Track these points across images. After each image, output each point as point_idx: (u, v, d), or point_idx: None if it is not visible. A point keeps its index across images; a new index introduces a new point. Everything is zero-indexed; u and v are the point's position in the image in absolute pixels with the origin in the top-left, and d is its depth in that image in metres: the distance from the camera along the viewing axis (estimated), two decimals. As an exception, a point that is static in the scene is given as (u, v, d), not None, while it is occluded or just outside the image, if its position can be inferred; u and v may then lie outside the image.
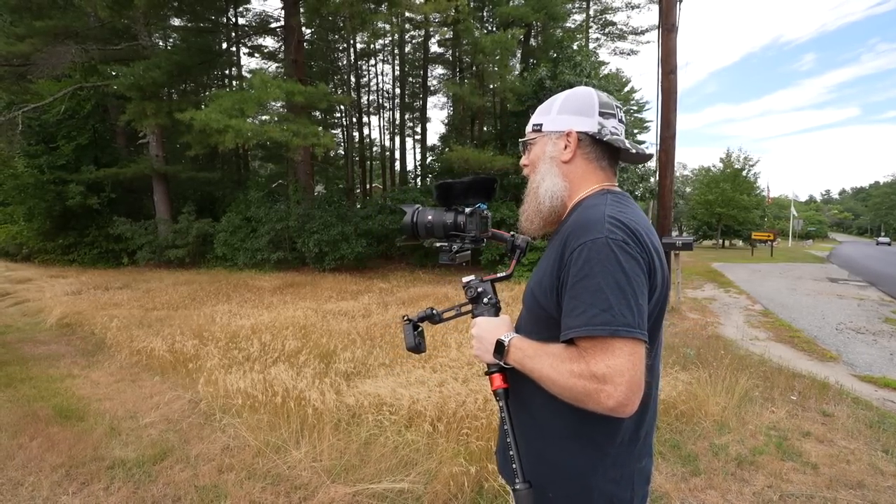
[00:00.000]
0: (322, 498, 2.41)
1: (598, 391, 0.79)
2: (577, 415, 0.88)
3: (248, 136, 10.56)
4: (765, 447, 3.01)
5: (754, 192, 31.99)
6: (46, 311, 7.56)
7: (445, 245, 1.20)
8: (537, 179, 1.05)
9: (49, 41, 12.93)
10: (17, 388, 4.18)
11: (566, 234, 0.91)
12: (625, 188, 14.00)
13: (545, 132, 1.04)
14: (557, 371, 0.85)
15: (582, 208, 0.97)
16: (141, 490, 2.54)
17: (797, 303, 8.99)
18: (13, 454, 2.91)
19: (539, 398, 0.94)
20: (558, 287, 0.90)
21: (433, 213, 1.21)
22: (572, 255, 0.86)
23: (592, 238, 0.85)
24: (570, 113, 1.02)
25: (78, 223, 16.12)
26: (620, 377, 0.78)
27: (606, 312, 0.80)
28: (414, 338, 1.22)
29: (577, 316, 0.83)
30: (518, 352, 0.93)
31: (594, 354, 0.81)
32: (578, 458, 0.94)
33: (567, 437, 0.94)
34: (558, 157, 1.02)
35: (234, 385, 3.59)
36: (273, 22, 19.62)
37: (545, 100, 1.10)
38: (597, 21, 22.38)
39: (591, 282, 0.82)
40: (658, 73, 8.22)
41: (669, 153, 8.13)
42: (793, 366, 4.75)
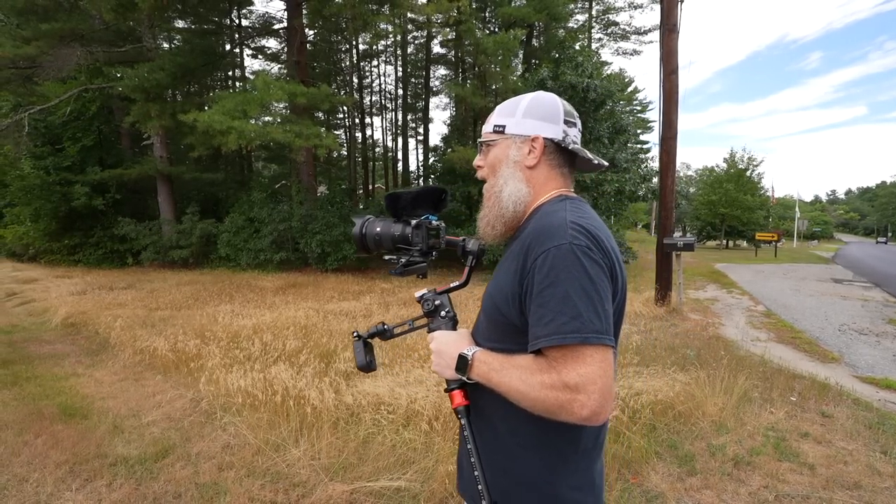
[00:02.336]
0: (320, 495, 2.44)
1: (572, 401, 0.76)
2: (540, 425, 0.87)
3: (251, 138, 10.62)
4: (762, 448, 3.01)
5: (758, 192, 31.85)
6: (52, 310, 7.64)
7: (393, 258, 1.15)
8: (499, 183, 0.99)
9: (55, 44, 13.04)
10: (22, 386, 4.23)
11: (528, 241, 0.88)
12: (627, 188, 14.01)
13: (509, 134, 1.00)
14: (527, 384, 0.81)
15: (542, 214, 0.95)
16: (143, 487, 2.58)
17: (800, 304, 8.96)
18: (19, 451, 2.95)
19: (501, 411, 0.91)
20: (521, 294, 0.87)
21: (381, 224, 1.15)
22: (536, 262, 0.83)
23: (556, 244, 0.82)
24: (537, 118, 0.98)
25: (83, 224, 16.25)
26: (593, 385, 0.76)
27: (575, 320, 0.78)
28: (364, 355, 1.15)
29: (545, 325, 0.80)
30: (483, 366, 0.89)
31: (565, 364, 0.78)
32: (542, 469, 0.91)
33: (530, 447, 0.91)
34: (522, 161, 0.98)
35: (234, 384, 3.63)
36: (276, 23, 19.73)
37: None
38: (599, 21, 22.38)
39: (557, 289, 0.80)
40: (660, 73, 8.22)
41: (671, 154, 8.12)
42: (793, 367, 4.75)
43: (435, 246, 1.14)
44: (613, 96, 14.27)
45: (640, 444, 2.88)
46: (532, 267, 0.84)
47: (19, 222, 17.28)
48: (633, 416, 3.13)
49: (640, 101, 34.99)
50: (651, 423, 3.19)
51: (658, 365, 4.24)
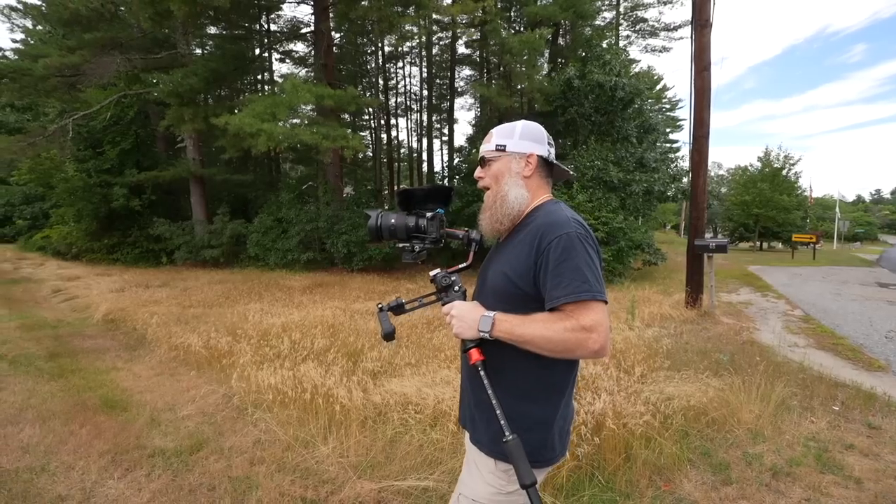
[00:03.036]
0: (349, 493, 2.47)
1: (587, 339, 1.06)
2: (544, 370, 1.19)
3: (279, 140, 10.85)
4: (803, 458, 2.89)
5: (795, 192, 30.54)
6: (93, 307, 8.00)
7: (408, 245, 1.35)
8: (504, 189, 1.27)
9: (97, 52, 13.67)
10: (68, 378, 4.45)
11: (539, 231, 1.17)
12: (657, 189, 13.65)
13: (509, 152, 1.28)
14: (552, 330, 1.08)
15: (545, 212, 1.24)
16: (179, 478, 2.67)
17: (842, 308, 8.55)
18: (66, 440, 3.10)
19: (509, 364, 1.20)
20: (535, 270, 1.15)
21: (396, 216, 1.35)
22: (550, 245, 1.12)
23: (566, 232, 1.13)
24: (530, 140, 1.28)
25: (121, 224, 16.97)
26: (601, 326, 1.06)
27: (585, 283, 1.08)
28: (391, 324, 1.33)
29: (563, 287, 1.09)
30: (505, 323, 1.14)
31: (580, 313, 1.07)
32: (546, 405, 1.22)
33: (536, 390, 1.21)
34: (521, 172, 1.28)
35: (265, 381, 3.71)
36: (303, 27, 20.11)
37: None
38: (627, 18, 21.91)
39: (570, 263, 1.10)
40: (691, 70, 7.99)
41: (703, 153, 7.88)
42: (835, 374, 4.53)
43: (443, 235, 1.38)
44: (642, 95, 13.96)
45: (672, 450, 2.80)
46: (546, 248, 1.13)
47: (63, 223, 18.19)
48: (665, 421, 3.05)
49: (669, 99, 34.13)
50: (683, 430, 3.11)
51: (690, 369, 4.12)
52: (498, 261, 1.28)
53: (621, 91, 12.76)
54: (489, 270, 1.31)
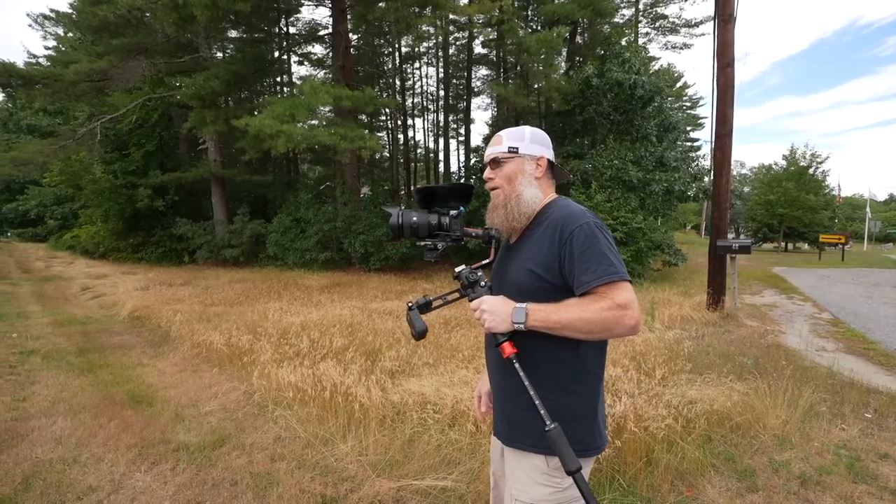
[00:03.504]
0: (368, 491, 2.49)
1: (623, 315, 1.11)
2: (579, 357, 1.24)
3: (298, 141, 10.99)
4: (833, 467, 2.79)
5: (823, 191, 29.58)
6: (119, 304, 8.24)
7: (429, 243, 1.36)
8: (518, 189, 1.32)
9: (123, 57, 14.08)
10: (96, 373, 4.59)
11: (558, 224, 1.23)
12: (677, 188, 13.39)
13: (522, 154, 1.34)
14: (589, 311, 1.12)
15: (558, 207, 1.30)
16: (202, 473, 2.73)
17: (873, 312, 8.25)
18: (96, 433, 3.20)
19: (543, 355, 1.23)
20: (560, 261, 1.21)
21: (417, 214, 1.35)
22: (572, 235, 1.19)
23: (585, 222, 1.20)
24: (539, 144, 1.36)
25: (146, 224, 17.46)
26: (633, 303, 1.13)
27: (612, 266, 1.15)
28: (423, 323, 1.33)
29: (592, 272, 1.15)
30: (539, 312, 1.16)
31: (613, 293, 1.13)
32: (586, 392, 1.26)
33: (574, 378, 1.25)
34: (533, 173, 1.35)
35: (285, 379, 3.77)
36: (321, 30, 20.32)
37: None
38: (647, 15, 21.55)
39: (594, 250, 1.16)
40: (713, 67, 7.81)
41: (725, 151, 7.70)
42: (867, 380, 4.37)
43: (466, 233, 1.40)
44: (662, 92, 13.71)
45: (695, 455, 2.74)
46: (569, 238, 1.19)
47: (91, 223, 18.82)
48: (687, 425, 2.98)
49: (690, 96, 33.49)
50: (706, 434, 3.04)
51: (712, 373, 4.03)
52: (517, 258, 1.31)
53: (641, 89, 12.56)
54: (508, 268, 1.34)
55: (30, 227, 32.65)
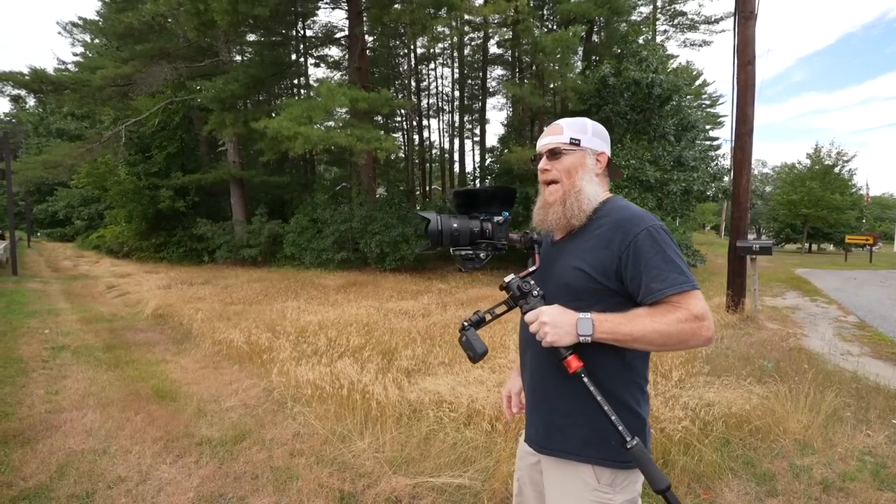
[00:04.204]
0: (384, 487, 2.53)
1: (700, 327, 1.05)
2: (628, 367, 1.18)
3: (315, 142, 11.18)
4: (857, 473, 2.74)
5: (849, 190, 28.73)
6: (143, 302, 8.48)
7: (471, 252, 1.24)
8: (579, 184, 1.23)
9: (147, 62, 14.50)
10: (123, 369, 4.75)
11: (619, 225, 1.16)
12: (695, 188, 13.19)
13: (583, 147, 1.25)
14: (664, 323, 1.05)
15: (618, 207, 1.22)
16: (225, 466, 2.81)
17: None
18: (123, 426, 3.33)
19: (594, 366, 1.13)
20: (619, 264, 1.13)
21: (458, 220, 1.22)
22: (636, 239, 1.12)
23: (651, 225, 1.13)
24: (601, 139, 1.28)
25: (167, 224, 17.91)
26: (709, 314, 1.07)
27: (682, 274, 1.09)
28: (483, 344, 1.23)
29: (663, 280, 1.08)
30: (607, 323, 1.08)
31: (688, 302, 1.07)
32: (635, 402, 1.19)
33: (624, 388, 1.18)
34: (593, 169, 1.26)
35: (303, 376, 3.84)
36: (338, 32, 20.58)
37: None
38: (665, 12, 21.27)
39: (663, 256, 1.10)
40: (734, 64, 7.68)
41: (746, 150, 7.56)
42: (895, 385, 4.26)
43: (510, 241, 1.29)
44: (680, 91, 13.53)
45: (712, 458, 2.72)
46: (633, 242, 1.12)
47: (116, 223, 19.38)
48: (705, 427, 2.96)
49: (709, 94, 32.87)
50: (724, 437, 3.00)
51: (731, 376, 3.97)
52: (565, 256, 1.23)
53: (658, 88, 12.41)
54: (553, 266, 1.25)
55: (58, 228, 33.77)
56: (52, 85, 14.59)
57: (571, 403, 1.15)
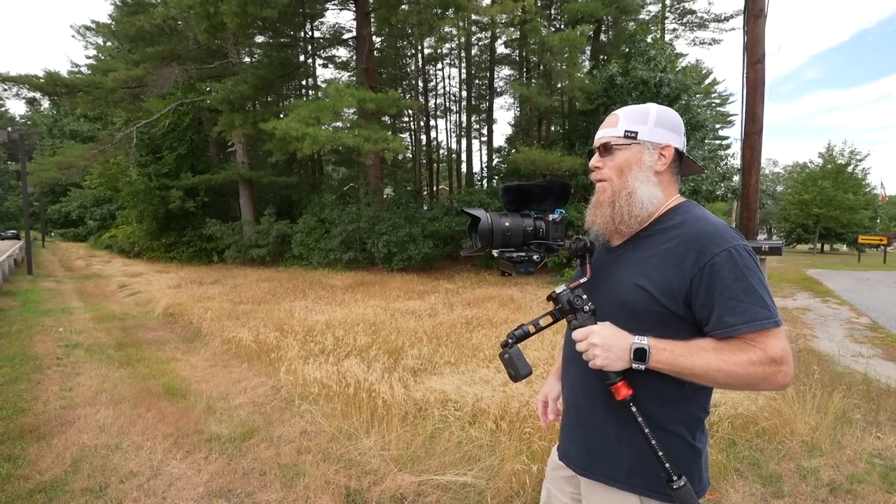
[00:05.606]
0: (390, 484, 2.56)
1: (776, 372, 0.93)
2: (688, 398, 1.04)
3: (323, 143, 11.26)
4: (866, 476, 2.71)
5: (863, 189, 28.30)
6: (154, 301, 8.60)
7: (523, 255, 1.10)
8: (631, 185, 1.07)
9: (158, 64, 14.70)
10: (134, 366, 4.83)
11: (694, 241, 0.99)
12: (704, 188, 13.09)
13: (641, 141, 1.08)
14: (732, 363, 0.93)
15: (693, 218, 1.05)
16: (233, 462, 2.86)
17: (915, 317, 7.88)
18: (135, 422, 3.39)
19: (646, 393, 1.01)
20: (689, 288, 0.98)
21: (509, 219, 1.09)
22: (714, 261, 0.96)
23: (732, 245, 0.97)
24: (667, 129, 1.09)
25: (178, 224, 18.13)
26: (789, 357, 0.94)
27: (765, 308, 0.94)
28: (528, 364, 1.10)
29: (740, 313, 0.94)
30: (665, 353, 0.96)
31: (766, 343, 0.93)
32: (690, 435, 1.06)
33: (678, 419, 1.05)
34: (653, 166, 1.08)
35: (311, 375, 3.89)
36: (345, 33, 20.70)
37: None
38: (673, 10, 21.11)
39: (744, 284, 0.95)
40: (743, 63, 7.61)
41: (755, 150, 7.48)
42: (905, 387, 4.20)
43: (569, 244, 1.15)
44: (689, 90, 13.43)
45: (718, 458, 2.71)
46: (709, 264, 0.96)
47: (127, 223, 19.66)
48: (710, 428, 2.95)
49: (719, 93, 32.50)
50: (730, 438, 2.99)
51: (739, 377, 3.95)
52: (624, 268, 1.08)
53: (667, 87, 12.33)
54: (610, 278, 1.10)
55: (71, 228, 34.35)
56: (65, 87, 14.85)
57: (618, 430, 1.06)
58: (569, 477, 1.24)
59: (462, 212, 1.22)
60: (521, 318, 6.25)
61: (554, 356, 4.15)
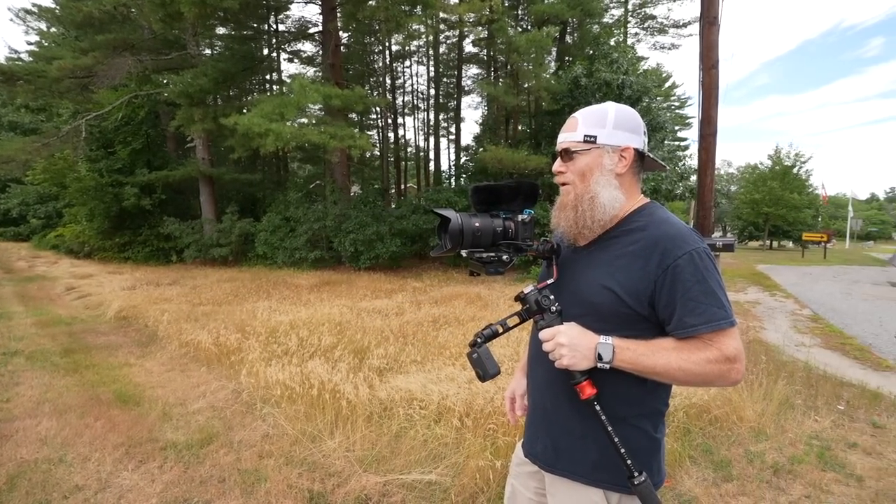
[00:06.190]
0: (354, 485, 2.53)
1: (730, 370, 0.98)
2: (649, 395, 1.08)
3: (287, 139, 10.95)
4: (805, 456, 2.90)
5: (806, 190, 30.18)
6: (106, 304, 8.15)
7: (493, 255, 1.10)
8: (593, 189, 1.08)
9: (109, 54, 13.90)
10: (82, 373, 4.56)
11: (658, 244, 1.03)
12: (664, 187, 13.60)
13: (601, 145, 1.09)
14: (690, 362, 0.98)
15: (657, 220, 1.08)
16: (190, 470, 2.75)
17: (852, 308, 8.48)
18: (82, 432, 3.20)
19: (608, 389, 1.04)
20: (654, 290, 1.01)
21: (479, 219, 1.09)
22: (676, 263, 1.00)
23: (693, 248, 1.01)
24: (625, 130, 1.10)
25: (132, 223, 17.23)
26: (742, 355, 0.99)
27: (722, 309, 0.98)
28: (496, 363, 1.11)
29: (700, 314, 0.98)
30: (628, 352, 1.00)
31: (721, 342, 0.98)
32: (651, 428, 1.10)
33: (639, 414, 1.09)
34: (614, 169, 1.09)
35: (273, 377, 3.79)
36: (311, 27, 20.22)
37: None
38: (636, 15, 21.78)
39: (705, 286, 0.99)
40: (699, 68, 7.94)
41: (710, 151, 7.84)
42: (841, 374, 4.52)
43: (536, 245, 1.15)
44: (650, 92, 13.91)
45: (673, 447, 2.83)
46: (672, 266, 1.00)
47: (76, 222, 18.51)
48: (666, 418, 3.07)
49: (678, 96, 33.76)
50: (685, 427, 3.13)
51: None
52: (591, 269, 1.10)
53: (629, 89, 12.72)
54: (576, 279, 1.12)
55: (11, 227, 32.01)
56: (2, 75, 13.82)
57: (582, 427, 1.09)
58: (533, 472, 1.26)
59: (431, 212, 1.21)
60: (489, 316, 6.31)
61: (519, 352, 4.21)
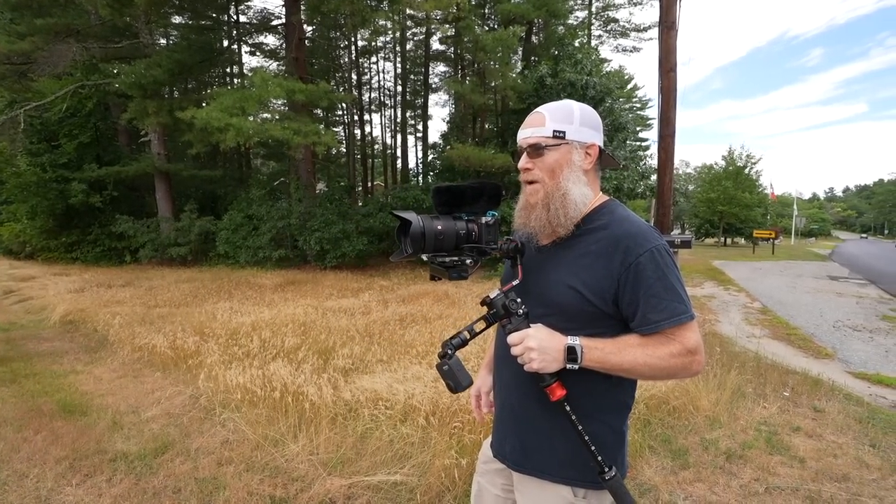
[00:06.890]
0: (318, 490, 2.47)
1: (692, 362, 1.01)
2: (615, 388, 1.09)
3: (249, 135, 10.60)
4: (754, 441, 3.06)
5: (757, 189, 31.94)
6: (50, 308, 7.65)
7: (456, 259, 1.07)
8: (564, 186, 1.08)
9: (50, 39, 12.99)
10: (21, 383, 4.25)
11: (619, 242, 1.03)
12: (626, 186, 14.01)
13: (569, 140, 1.08)
14: (655, 357, 1.00)
15: (617, 219, 1.08)
16: (142, 482, 2.61)
17: (796, 300, 9.02)
18: (18, 447, 2.98)
19: (574, 385, 1.04)
20: (617, 288, 1.03)
21: (441, 222, 1.05)
22: (638, 261, 1.01)
23: (654, 246, 1.02)
24: (590, 127, 1.11)
25: (81, 221, 16.21)
26: (701, 346, 1.02)
27: (682, 304, 1.01)
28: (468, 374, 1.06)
29: (662, 310, 1.00)
30: (596, 352, 1.01)
31: (682, 335, 1.01)
32: (616, 421, 1.12)
33: (606, 408, 1.10)
34: (581, 166, 1.09)
35: (233, 380, 3.65)
36: (274, 20, 19.63)
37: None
38: (599, 18, 22.33)
39: (665, 282, 1.01)
40: (659, 71, 8.23)
41: (669, 151, 8.15)
42: (787, 363, 4.79)
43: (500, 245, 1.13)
44: (612, 94, 14.28)
45: (635, 438, 2.92)
46: (634, 264, 1.01)
47: (16, 220, 17.23)
48: (628, 411, 3.16)
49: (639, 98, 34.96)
50: (645, 418, 3.24)
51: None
52: (555, 269, 1.10)
53: (592, 90, 13.02)
54: (541, 279, 1.11)
55: (-58, 225, 29.53)
56: (-72, 61, 12.70)
57: (551, 425, 1.09)
58: (500, 469, 1.25)
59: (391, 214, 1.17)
60: (456, 314, 6.32)
61: (485, 349, 4.24)
